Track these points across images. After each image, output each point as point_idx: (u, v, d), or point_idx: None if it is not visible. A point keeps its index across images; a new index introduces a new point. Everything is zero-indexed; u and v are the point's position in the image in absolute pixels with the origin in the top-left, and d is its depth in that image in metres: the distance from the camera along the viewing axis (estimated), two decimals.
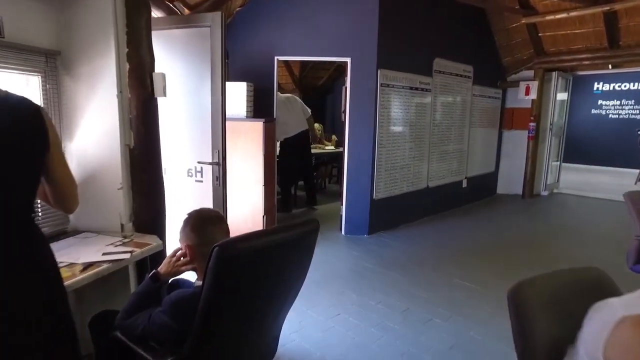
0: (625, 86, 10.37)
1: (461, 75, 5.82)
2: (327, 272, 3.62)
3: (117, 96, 2.11)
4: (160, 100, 2.47)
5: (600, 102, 10.75)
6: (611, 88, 10.57)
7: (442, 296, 3.21)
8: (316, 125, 7.33)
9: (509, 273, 3.66)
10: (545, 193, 7.04)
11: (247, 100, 4.02)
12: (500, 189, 7.41)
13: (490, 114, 6.77)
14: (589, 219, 5.92)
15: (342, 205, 4.76)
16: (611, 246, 4.43)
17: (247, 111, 4.04)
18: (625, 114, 10.45)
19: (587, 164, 10.57)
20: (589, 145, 10.67)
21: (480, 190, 6.92)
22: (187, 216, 1.55)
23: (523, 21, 5.76)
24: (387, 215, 4.97)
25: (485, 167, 6.94)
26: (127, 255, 1.87)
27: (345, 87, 4.53)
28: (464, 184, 6.38)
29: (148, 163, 2.32)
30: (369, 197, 4.67)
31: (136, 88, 2.24)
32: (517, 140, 7.07)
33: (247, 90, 4.04)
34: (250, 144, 4.01)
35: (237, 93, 4.02)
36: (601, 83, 10.63)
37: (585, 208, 6.55)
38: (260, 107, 4.46)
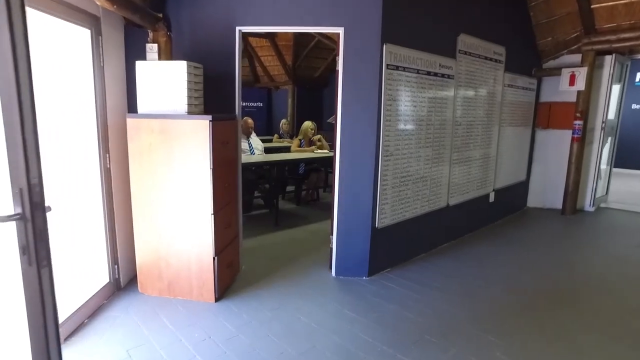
0: None
1: (491, 59, 4.46)
2: (296, 356, 2.30)
3: None
4: None
5: None
6: None
7: None
8: (308, 123, 5.99)
9: (577, 348, 2.33)
10: (591, 208, 5.68)
11: (187, 89, 2.70)
12: (532, 202, 6.06)
13: (524, 110, 5.41)
14: None
15: (331, 235, 3.43)
16: None
17: (188, 105, 2.72)
18: None
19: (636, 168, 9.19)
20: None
21: (508, 205, 5.58)
22: None
23: None
24: (394, 247, 3.64)
25: (516, 175, 5.60)
26: None
27: (337, 71, 3.19)
28: (491, 198, 5.04)
29: None
30: (370, 225, 3.34)
31: None
32: (554, 142, 5.72)
33: (188, 74, 2.71)
34: (190, 153, 2.69)
35: (171, 78, 2.69)
36: None
37: None
38: (215, 99, 3.14)
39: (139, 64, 2.72)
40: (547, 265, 3.85)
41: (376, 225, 3.38)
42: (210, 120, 2.61)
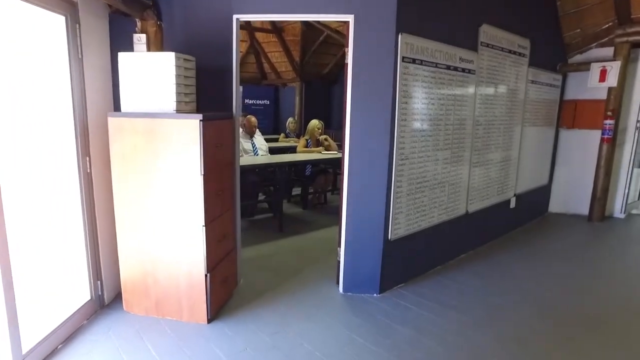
0: None
1: (515, 53, 4.07)
2: None
3: None
4: None
5: None
6: None
7: None
8: (315, 122, 5.65)
9: None
10: (621, 215, 5.25)
11: (175, 85, 2.37)
12: (554, 207, 5.66)
13: (547, 108, 5.01)
14: None
15: (339, 247, 3.10)
16: None
17: (177, 102, 2.40)
18: None
19: None
20: None
21: (530, 210, 5.19)
22: None
23: None
24: (408, 261, 3.29)
25: (538, 179, 5.20)
26: None
27: (346, 64, 2.85)
28: (512, 204, 4.66)
29: None
30: (382, 237, 3.00)
31: None
32: (579, 143, 5.31)
33: (177, 68, 2.39)
34: (178, 157, 2.36)
35: (157, 72, 2.37)
36: None
37: None
38: (210, 96, 2.82)
39: (121, 56, 2.40)
40: (578, 280, 3.47)
41: (389, 237, 3.03)
42: (200, 120, 2.28)
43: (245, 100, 10.30)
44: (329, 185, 5.77)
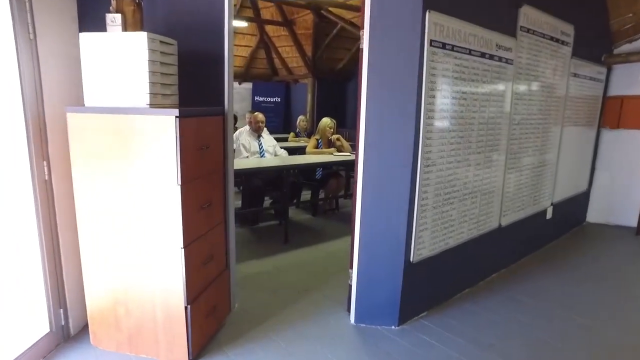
0: None
1: (557, 40, 3.51)
2: None
3: None
4: None
5: None
6: None
7: None
8: (326, 120, 5.16)
9: None
10: None
11: (149, 72, 1.91)
12: (593, 217, 5.06)
13: (589, 106, 4.42)
14: None
15: (351, 270, 2.60)
16: None
17: (151, 95, 1.93)
18: None
19: None
20: None
21: (567, 221, 4.61)
22: None
23: None
24: (433, 285, 2.79)
25: (576, 185, 4.62)
26: None
27: (361, 50, 2.35)
28: (549, 215, 4.10)
29: None
30: (403, 259, 2.49)
31: None
32: (626, 145, 4.70)
33: (151, 52, 1.92)
34: (150, 163, 1.90)
35: (126, 57, 1.91)
36: None
37: None
38: (197, 88, 2.36)
39: (83, 37, 1.95)
40: (637, 310, 2.91)
41: (411, 259, 2.52)
42: (176, 117, 1.81)
43: (255, 98, 9.86)
44: (342, 189, 5.27)
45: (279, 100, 9.85)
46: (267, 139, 4.90)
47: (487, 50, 2.74)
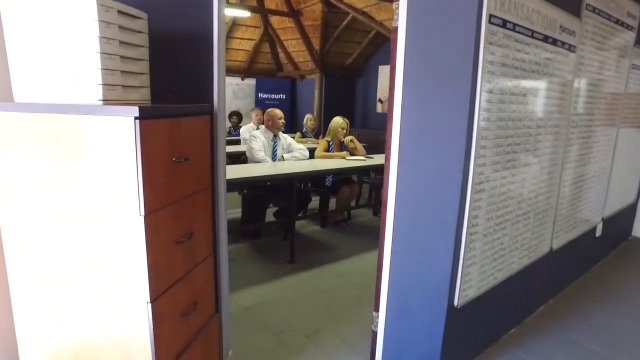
0: None
1: (621, 24, 2.91)
2: None
3: None
4: None
5: None
6: None
7: None
8: (338, 120, 4.58)
9: None
10: None
11: (101, 54, 1.33)
12: (638, 230, 4.46)
13: None
14: None
15: (376, 314, 2.03)
16: None
17: (104, 87, 1.36)
18: None
19: None
20: None
21: (613, 236, 4.02)
22: None
23: None
24: (478, 329, 2.21)
25: (625, 196, 4.01)
26: None
27: (395, 29, 1.76)
28: (598, 232, 3.51)
29: None
30: (446, 303, 1.91)
31: None
32: None
33: (104, 26, 1.34)
34: (102, 184, 1.33)
35: (66, 29, 1.34)
36: None
37: None
38: (178, 79, 1.79)
39: (2, 3, 1.38)
40: None
41: (455, 303, 1.94)
42: (136, 118, 1.24)
43: (259, 95, 9.30)
44: (354, 197, 4.69)
45: (284, 97, 9.28)
46: (282, 140, 4.27)
47: (551, 32, 2.14)
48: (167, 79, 1.73)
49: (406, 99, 1.75)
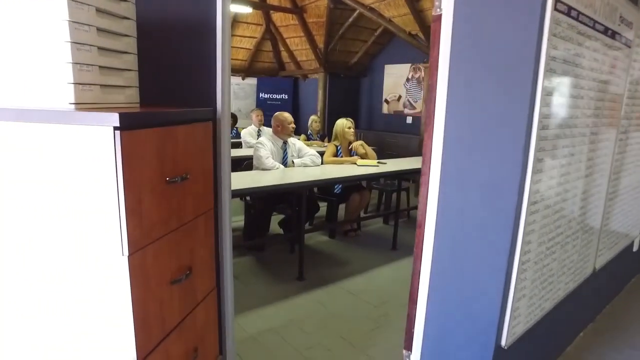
0: None
1: None
2: None
3: None
4: None
5: None
6: None
7: None
8: (343, 121, 4.28)
9: None
10: None
11: (71, 43, 1.03)
12: None
13: None
14: None
15: (407, 352, 1.72)
16: None
17: (77, 86, 1.05)
18: None
19: None
20: None
21: None
22: None
23: None
24: None
25: None
26: None
27: (437, 17, 1.45)
28: (636, 246, 3.21)
29: None
30: (493, 344, 1.61)
31: None
32: None
33: (75, 4, 1.04)
34: (76, 213, 1.02)
35: (30, 13, 1.03)
36: None
37: None
38: (169, 80, 1.47)
39: None
40: None
41: (502, 343, 1.64)
42: (115, 128, 0.93)
43: (260, 95, 8.99)
44: (365, 205, 4.39)
45: (286, 97, 8.96)
46: (292, 146, 3.97)
47: (610, 24, 1.84)
48: (161, 78, 1.42)
49: (452, 100, 1.45)
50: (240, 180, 3.05)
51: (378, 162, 4.04)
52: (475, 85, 1.45)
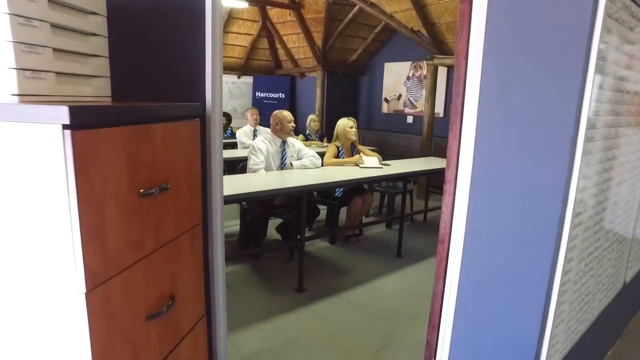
0: None
1: None
2: None
3: None
4: None
5: None
6: None
7: None
8: (345, 121, 4.05)
9: None
10: None
11: (10, 16, 0.79)
12: None
13: None
14: None
15: None
16: None
17: (20, 72, 0.82)
18: None
19: None
20: None
21: None
22: None
23: None
24: None
25: None
26: None
27: (464, 3, 1.22)
28: None
29: None
30: None
31: None
32: None
33: None
34: (14, 242, 0.78)
35: None
36: None
37: None
38: (151, 71, 1.22)
39: None
40: None
41: None
42: (66, 127, 0.69)
43: (256, 94, 8.74)
44: (367, 209, 4.16)
45: (283, 96, 8.72)
46: (291, 146, 3.75)
47: None
48: (139, 67, 1.19)
49: (485, 95, 1.22)
50: (235, 184, 2.82)
51: (382, 164, 3.82)
52: (514, 76, 1.22)
